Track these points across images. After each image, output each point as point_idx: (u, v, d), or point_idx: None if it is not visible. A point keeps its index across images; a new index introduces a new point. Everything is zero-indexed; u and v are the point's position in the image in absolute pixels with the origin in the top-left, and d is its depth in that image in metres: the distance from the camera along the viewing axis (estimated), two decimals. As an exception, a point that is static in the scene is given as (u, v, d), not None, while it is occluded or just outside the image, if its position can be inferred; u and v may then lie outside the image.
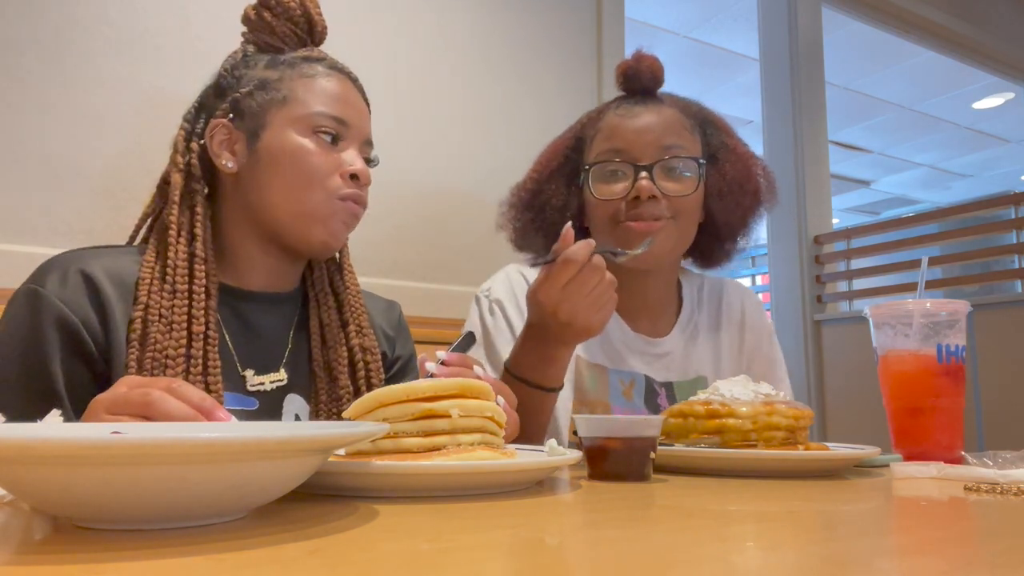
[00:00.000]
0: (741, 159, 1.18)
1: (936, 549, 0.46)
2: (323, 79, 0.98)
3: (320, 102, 0.96)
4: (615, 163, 1.11)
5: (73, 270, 0.86)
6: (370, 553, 0.40)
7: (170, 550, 0.38)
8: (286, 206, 0.94)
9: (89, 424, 0.59)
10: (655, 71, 1.17)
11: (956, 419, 1.00)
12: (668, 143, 1.10)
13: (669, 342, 1.22)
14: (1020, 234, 2.58)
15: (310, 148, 0.95)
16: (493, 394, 0.68)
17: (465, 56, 1.87)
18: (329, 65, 1.01)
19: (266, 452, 0.43)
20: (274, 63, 0.99)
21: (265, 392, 0.94)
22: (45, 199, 1.33)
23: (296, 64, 0.99)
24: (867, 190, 6.85)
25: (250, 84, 0.96)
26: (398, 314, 1.16)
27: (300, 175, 0.94)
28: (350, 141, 0.98)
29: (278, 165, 0.94)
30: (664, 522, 0.55)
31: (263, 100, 0.96)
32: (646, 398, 1.18)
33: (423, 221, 1.75)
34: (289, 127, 0.95)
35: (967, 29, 3.38)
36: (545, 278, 0.93)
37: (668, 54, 4.26)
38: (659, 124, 1.11)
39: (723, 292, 1.29)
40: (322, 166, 0.95)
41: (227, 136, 0.96)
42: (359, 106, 1.01)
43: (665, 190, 1.09)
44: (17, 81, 1.32)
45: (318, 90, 0.97)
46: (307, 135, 0.95)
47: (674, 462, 0.83)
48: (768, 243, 3.10)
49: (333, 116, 0.96)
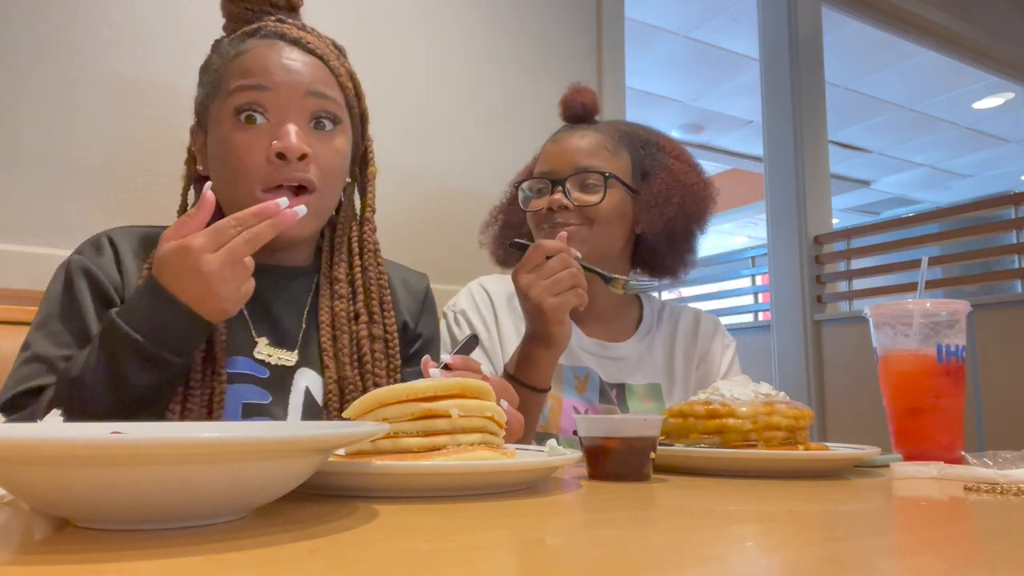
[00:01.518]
0: (673, 176, 1.29)
1: (936, 549, 0.46)
2: (250, 51, 0.89)
3: (237, 76, 0.88)
4: (539, 181, 1.26)
5: (103, 238, 0.93)
6: (370, 553, 0.40)
7: (170, 550, 0.38)
8: (228, 203, 0.89)
9: (89, 424, 0.59)
10: (586, 102, 1.31)
11: (956, 419, 1.00)
12: (583, 163, 1.23)
13: (625, 348, 1.30)
14: (1020, 234, 2.58)
15: (235, 137, 0.87)
16: (493, 394, 0.68)
17: (464, 56, 1.87)
18: (264, 34, 0.91)
19: (266, 452, 0.43)
20: (217, 48, 0.94)
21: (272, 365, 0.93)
22: (45, 199, 1.33)
23: (232, 44, 0.92)
24: (867, 190, 6.85)
25: (199, 81, 0.94)
26: (425, 288, 1.12)
27: (227, 170, 0.88)
28: (281, 109, 0.88)
29: (215, 160, 0.91)
30: (664, 522, 0.55)
31: (203, 93, 0.92)
32: (600, 394, 1.26)
33: (423, 221, 1.75)
34: (220, 116, 0.89)
35: (967, 29, 3.38)
36: (521, 262, 1.06)
37: (668, 54, 4.30)
38: (579, 147, 1.24)
39: (680, 314, 1.40)
40: (243, 153, 0.86)
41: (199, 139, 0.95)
42: (287, 64, 0.89)
43: (576, 200, 1.21)
44: (17, 81, 1.32)
45: (238, 64, 0.88)
46: (234, 120, 0.87)
47: (674, 462, 0.83)
48: (768, 243, 3.10)
49: (249, 85, 0.87)
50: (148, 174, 1.42)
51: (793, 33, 2.98)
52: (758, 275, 4.80)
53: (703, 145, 5.67)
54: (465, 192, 1.81)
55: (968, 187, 6.79)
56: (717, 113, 5.18)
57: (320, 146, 0.90)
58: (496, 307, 1.27)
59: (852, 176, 6.53)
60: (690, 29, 4.03)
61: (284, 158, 0.86)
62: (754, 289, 4.81)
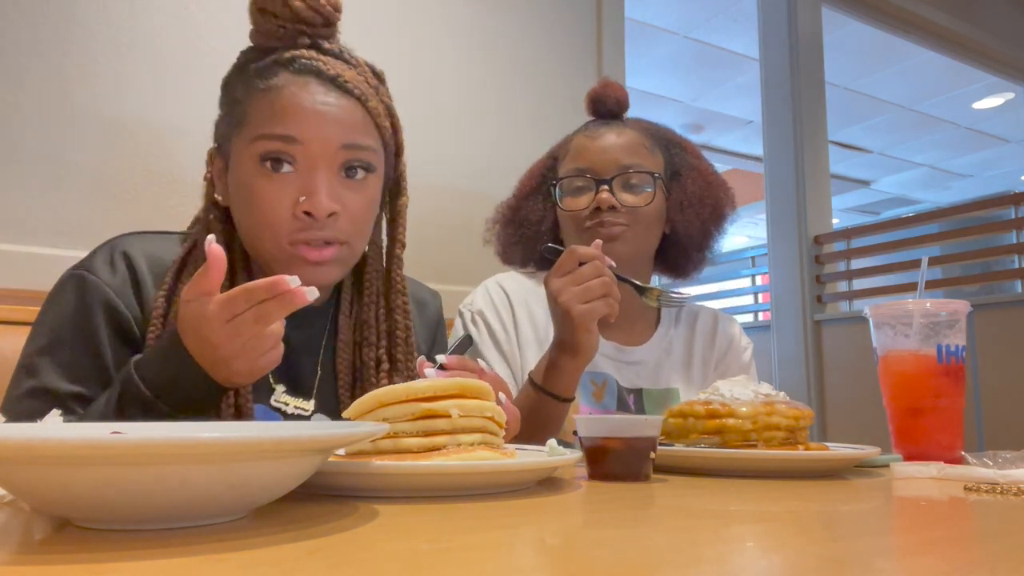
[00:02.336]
0: (702, 176, 1.29)
1: (936, 549, 0.46)
2: (280, 88, 0.83)
3: (266, 122, 0.82)
4: (580, 178, 1.22)
5: (118, 253, 0.86)
6: (370, 553, 0.40)
7: (170, 550, 0.38)
8: (250, 245, 0.87)
9: (89, 424, 0.59)
10: (619, 98, 1.29)
11: (956, 419, 1.00)
12: (627, 162, 1.20)
13: (643, 352, 1.28)
14: (1020, 234, 2.58)
15: (259, 185, 0.82)
16: (493, 394, 0.68)
17: (465, 56, 1.87)
18: (298, 69, 0.84)
19: (266, 452, 0.43)
20: (242, 74, 0.87)
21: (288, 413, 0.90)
22: (45, 199, 1.33)
23: (261, 73, 0.84)
24: (867, 190, 6.85)
25: (222, 104, 0.88)
26: (438, 310, 1.11)
27: (251, 216, 0.84)
28: (311, 160, 0.82)
29: (238, 200, 0.86)
30: (664, 522, 0.55)
31: (228, 123, 0.86)
32: (618, 401, 1.23)
33: (422, 221, 1.75)
34: (243, 156, 0.83)
35: (967, 29, 3.38)
36: (555, 267, 1.04)
37: (668, 54, 4.30)
38: (619, 144, 1.22)
39: (699, 314, 1.38)
40: (269, 204, 0.82)
41: (220, 164, 0.89)
42: (323, 111, 0.82)
43: (623, 201, 1.19)
44: (17, 81, 1.32)
45: (266, 105, 0.82)
46: (254, 164, 0.82)
47: (674, 462, 0.83)
48: (768, 243, 3.10)
49: (276, 135, 0.81)
50: (148, 174, 1.42)
51: (793, 33, 2.98)
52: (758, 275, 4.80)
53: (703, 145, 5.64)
54: (465, 192, 1.81)
55: (968, 187, 6.79)
56: (717, 113, 5.18)
57: (351, 197, 0.85)
58: (514, 306, 1.25)
59: (852, 176, 6.53)
60: (690, 29, 4.03)
61: (311, 216, 0.81)
62: (754, 289, 4.81)
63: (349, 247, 0.87)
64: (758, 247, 5.11)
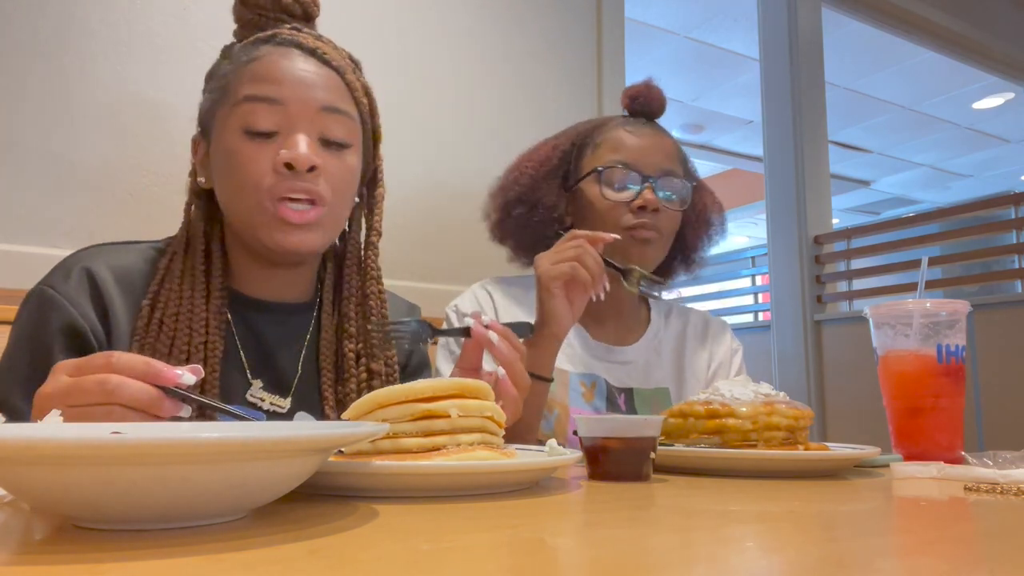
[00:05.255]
0: (703, 190, 1.32)
1: (936, 549, 0.46)
2: (261, 58, 0.86)
3: (247, 86, 0.84)
4: (626, 170, 1.19)
5: (78, 269, 0.85)
6: (370, 553, 0.40)
7: (170, 550, 0.38)
8: (233, 216, 0.88)
9: (89, 424, 0.59)
10: (662, 100, 1.28)
11: (956, 419, 1.00)
12: (668, 166, 1.22)
13: (633, 352, 1.28)
14: (1020, 234, 2.58)
15: (242, 148, 0.84)
16: (492, 394, 0.68)
17: (465, 56, 1.87)
18: (279, 42, 0.87)
19: (266, 452, 0.43)
20: (227, 53, 0.90)
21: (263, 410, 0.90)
22: (45, 199, 1.33)
23: (246, 49, 0.88)
24: (867, 190, 6.85)
25: (205, 87, 0.90)
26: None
27: (233, 180, 0.85)
28: (292, 121, 0.84)
29: (220, 171, 0.87)
30: (664, 522, 0.55)
31: (210, 100, 0.88)
32: (608, 401, 1.24)
33: (422, 221, 1.75)
34: (226, 125, 0.85)
35: (967, 29, 3.38)
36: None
37: (668, 54, 4.30)
38: (663, 147, 1.23)
39: (689, 316, 1.39)
40: (251, 164, 0.83)
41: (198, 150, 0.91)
42: (302, 75, 0.86)
43: (663, 203, 1.19)
44: (17, 81, 1.32)
45: (248, 73, 0.85)
46: (240, 131, 0.84)
47: (674, 462, 0.83)
48: (768, 243, 3.10)
49: (259, 96, 0.84)
50: (148, 174, 1.42)
51: (793, 33, 2.98)
52: (758, 275, 4.80)
53: (703, 145, 5.67)
54: (464, 192, 1.81)
55: (968, 187, 6.79)
56: (717, 113, 5.18)
57: (331, 161, 0.87)
58: (498, 309, 1.26)
59: (852, 176, 6.53)
60: (690, 29, 4.03)
61: (292, 168, 0.83)
62: (754, 289, 4.81)
63: (331, 212, 0.88)
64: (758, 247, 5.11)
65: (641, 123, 1.25)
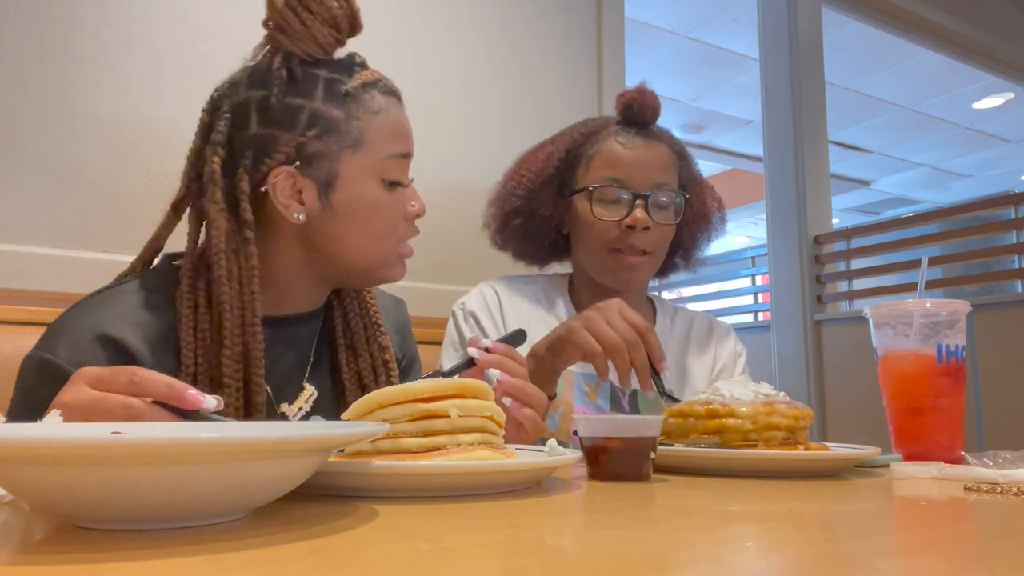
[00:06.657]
0: (703, 188, 1.30)
1: (936, 549, 0.46)
2: (387, 111, 0.92)
3: (389, 143, 0.91)
4: (617, 189, 1.20)
5: (89, 338, 0.78)
6: (370, 553, 0.40)
7: (170, 550, 0.38)
8: (360, 258, 0.91)
9: (89, 424, 0.58)
10: (655, 107, 1.25)
11: (956, 419, 1.00)
12: (660, 179, 1.21)
13: None
14: (1020, 234, 2.58)
15: (384, 199, 0.91)
16: (492, 394, 0.69)
17: (465, 56, 1.87)
18: (384, 89, 0.93)
19: (266, 452, 0.43)
20: (333, 94, 0.88)
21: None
22: (45, 199, 1.33)
23: (358, 96, 0.89)
24: (867, 190, 6.86)
25: (315, 125, 0.85)
26: (405, 314, 1.15)
27: (375, 229, 0.91)
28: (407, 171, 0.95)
29: (353, 218, 0.89)
30: (664, 522, 0.55)
31: (334, 146, 0.87)
32: (612, 400, 1.24)
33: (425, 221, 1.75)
34: (364, 175, 0.89)
35: (967, 29, 3.38)
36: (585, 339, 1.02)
37: (668, 54, 4.30)
38: (654, 159, 1.21)
39: (694, 319, 1.38)
40: (393, 215, 0.92)
41: (293, 183, 0.86)
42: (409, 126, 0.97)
43: (655, 218, 1.19)
44: (17, 81, 1.32)
45: (386, 128, 0.91)
46: (379, 182, 0.90)
47: (674, 462, 0.83)
48: (768, 243, 3.10)
49: (402, 154, 0.93)
50: (148, 174, 1.42)
51: (793, 33, 2.98)
52: (758, 275, 4.80)
53: (703, 145, 5.67)
54: (464, 192, 1.81)
55: (968, 187, 6.79)
56: (717, 113, 5.18)
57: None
58: (504, 309, 1.26)
59: (852, 176, 6.53)
60: (690, 29, 4.03)
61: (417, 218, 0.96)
62: (754, 289, 4.80)
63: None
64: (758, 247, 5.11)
65: (633, 133, 1.24)
